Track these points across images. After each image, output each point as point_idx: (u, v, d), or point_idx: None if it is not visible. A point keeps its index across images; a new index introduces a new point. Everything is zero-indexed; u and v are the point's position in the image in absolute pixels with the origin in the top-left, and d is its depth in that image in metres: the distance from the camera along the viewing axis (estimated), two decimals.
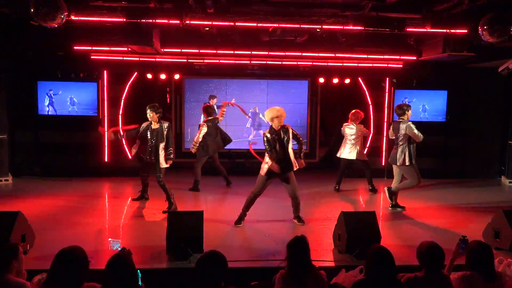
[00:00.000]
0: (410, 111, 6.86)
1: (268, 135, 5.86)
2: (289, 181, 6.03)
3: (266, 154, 5.92)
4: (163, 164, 6.61)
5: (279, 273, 3.28)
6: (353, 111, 8.32)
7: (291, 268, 3.24)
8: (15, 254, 3.20)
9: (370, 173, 8.38)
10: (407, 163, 6.71)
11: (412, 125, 6.68)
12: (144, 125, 6.71)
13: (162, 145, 6.58)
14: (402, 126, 6.74)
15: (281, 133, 5.90)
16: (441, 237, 5.61)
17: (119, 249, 3.46)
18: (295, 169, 6.03)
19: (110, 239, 5.67)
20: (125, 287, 2.86)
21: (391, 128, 7.12)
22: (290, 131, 5.97)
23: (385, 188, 7.23)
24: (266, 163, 5.90)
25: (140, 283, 3.14)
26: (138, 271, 3.18)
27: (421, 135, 6.65)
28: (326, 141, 11.59)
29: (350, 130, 8.18)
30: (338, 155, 8.38)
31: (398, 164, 6.79)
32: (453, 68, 8.79)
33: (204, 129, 7.97)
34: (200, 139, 7.98)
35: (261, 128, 10.46)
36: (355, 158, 8.13)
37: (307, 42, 7.64)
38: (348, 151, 8.15)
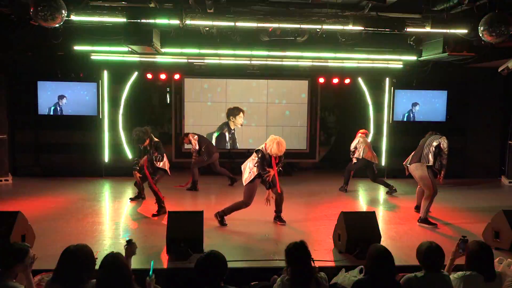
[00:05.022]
0: None
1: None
2: None
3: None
4: None
5: (279, 280, 3.21)
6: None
7: (293, 275, 3.14)
8: (21, 257, 3.11)
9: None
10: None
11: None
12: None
13: None
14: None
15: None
16: (441, 237, 5.63)
17: (127, 239, 3.55)
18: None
19: (123, 225, 5.89)
20: (116, 286, 2.85)
21: None
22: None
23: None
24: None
25: (151, 273, 3.17)
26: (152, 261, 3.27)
27: None
28: (326, 141, 11.61)
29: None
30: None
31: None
32: (453, 68, 8.78)
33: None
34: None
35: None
36: None
37: (307, 42, 7.64)
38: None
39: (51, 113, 9.35)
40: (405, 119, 9.91)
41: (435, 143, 6.33)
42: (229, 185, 8.73)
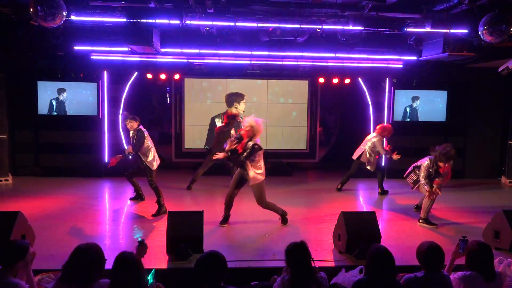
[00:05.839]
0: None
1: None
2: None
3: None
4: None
5: (279, 280, 3.22)
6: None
7: (293, 275, 3.14)
8: (22, 254, 3.15)
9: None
10: None
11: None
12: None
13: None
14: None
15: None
16: (441, 237, 5.63)
17: (139, 239, 3.58)
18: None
19: (135, 226, 6.02)
20: (132, 285, 2.85)
21: None
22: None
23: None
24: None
25: (151, 280, 3.16)
26: (153, 269, 3.29)
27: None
28: (326, 141, 11.61)
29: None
30: None
31: None
32: (453, 68, 8.78)
33: None
34: None
35: None
36: None
37: (307, 42, 7.64)
38: None
39: (48, 111, 9.35)
40: (403, 115, 9.90)
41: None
42: None
